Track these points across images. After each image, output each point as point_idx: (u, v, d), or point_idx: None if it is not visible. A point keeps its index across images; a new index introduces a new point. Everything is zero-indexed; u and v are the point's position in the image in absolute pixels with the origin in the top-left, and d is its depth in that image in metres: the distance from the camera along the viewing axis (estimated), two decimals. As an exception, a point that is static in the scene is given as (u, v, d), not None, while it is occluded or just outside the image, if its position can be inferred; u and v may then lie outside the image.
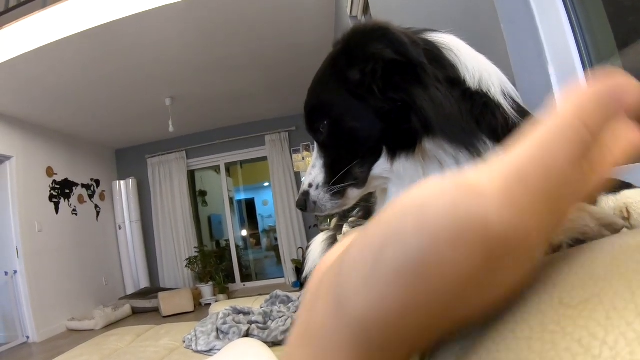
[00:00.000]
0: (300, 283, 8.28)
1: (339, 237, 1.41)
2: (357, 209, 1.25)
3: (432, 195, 0.25)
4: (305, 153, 9.72)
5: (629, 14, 1.24)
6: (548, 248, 0.38)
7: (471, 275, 0.24)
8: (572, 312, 0.24)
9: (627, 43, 1.23)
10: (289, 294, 3.54)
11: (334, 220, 1.97)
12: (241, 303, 3.66)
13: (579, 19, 1.31)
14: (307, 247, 1.90)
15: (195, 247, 9.54)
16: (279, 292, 3.59)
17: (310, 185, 0.93)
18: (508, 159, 0.26)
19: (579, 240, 0.42)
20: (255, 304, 3.61)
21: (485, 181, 0.25)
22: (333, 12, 5.55)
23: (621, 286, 0.23)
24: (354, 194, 0.91)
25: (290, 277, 9.20)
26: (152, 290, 8.91)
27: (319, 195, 0.91)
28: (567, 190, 0.25)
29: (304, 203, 0.93)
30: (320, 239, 1.84)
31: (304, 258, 1.87)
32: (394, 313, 0.25)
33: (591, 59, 1.29)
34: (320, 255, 1.79)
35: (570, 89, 0.28)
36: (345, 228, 1.28)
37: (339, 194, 0.90)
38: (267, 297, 3.63)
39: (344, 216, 1.54)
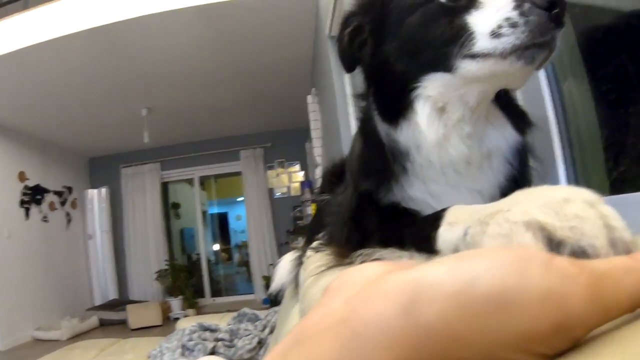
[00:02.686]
0: (270, 300, 8.25)
1: (303, 259, 1.42)
2: (323, 233, 1.25)
3: (537, 254, 0.31)
4: (280, 170, 9.76)
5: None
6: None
7: (538, 332, 0.28)
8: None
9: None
10: (257, 312, 3.52)
11: (303, 241, 1.98)
12: (209, 319, 3.63)
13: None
14: (276, 265, 1.91)
15: (165, 260, 9.45)
16: (246, 310, 3.57)
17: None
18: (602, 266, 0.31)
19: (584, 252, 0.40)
20: (223, 321, 3.59)
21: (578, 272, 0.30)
22: (313, 32, 5.59)
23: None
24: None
25: (260, 293, 9.14)
26: (121, 302, 8.76)
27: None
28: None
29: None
30: (288, 258, 1.85)
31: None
32: (466, 334, 0.29)
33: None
34: (287, 274, 1.80)
35: None
36: (309, 252, 1.28)
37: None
38: (235, 314, 3.61)
39: (309, 239, 1.55)
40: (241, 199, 10.56)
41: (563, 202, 0.44)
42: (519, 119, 0.89)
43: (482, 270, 0.30)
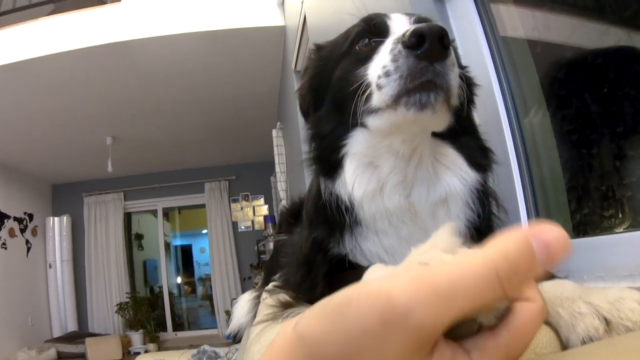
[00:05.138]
0: (233, 336, 8.18)
1: (261, 299, 1.39)
2: (279, 274, 1.23)
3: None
4: (244, 203, 9.74)
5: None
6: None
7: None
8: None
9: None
10: (217, 350, 3.45)
11: (261, 280, 1.96)
12: (168, 356, 3.55)
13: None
14: (235, 303, 1.88)
15: (127, 293, 9.27)
16: (206, 347, 3.50)
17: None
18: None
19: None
20: (182, 359, 3.51)
21: None
22: (279, 67, 5.62)
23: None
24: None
25: (223, 328, 9.00)
26: (80, 334, 8.59)
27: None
28: None
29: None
30: (246, 298, 1.82)
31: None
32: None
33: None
34: (246, 314, 1.76)
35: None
36: (264, 295, 1.25)
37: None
38: (194, 351, 3.53)
39: (267, 279, 1.52)
40: (205, 231, 10.47)
41: None
42: (479, 155, 0.85)
43: None
